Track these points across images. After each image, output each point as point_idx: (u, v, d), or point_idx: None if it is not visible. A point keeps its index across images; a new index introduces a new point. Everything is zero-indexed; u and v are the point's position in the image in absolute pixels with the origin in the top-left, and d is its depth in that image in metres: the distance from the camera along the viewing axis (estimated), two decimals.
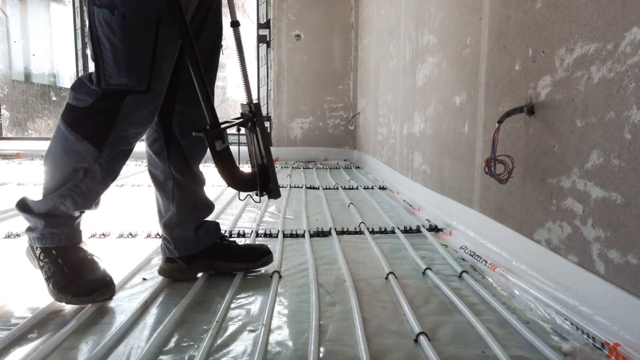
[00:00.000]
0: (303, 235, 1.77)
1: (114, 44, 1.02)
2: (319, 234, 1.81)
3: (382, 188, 2.90)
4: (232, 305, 1.14)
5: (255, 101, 1.19)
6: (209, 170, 2.77)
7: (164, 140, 1.25)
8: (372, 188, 2.90)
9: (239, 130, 1.21)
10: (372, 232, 1.82)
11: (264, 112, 4.69)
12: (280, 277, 1.33)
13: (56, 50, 6.23)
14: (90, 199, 1.16)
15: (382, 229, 1.84)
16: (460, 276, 1.33)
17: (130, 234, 1.75)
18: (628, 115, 0.85)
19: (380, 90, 3.28)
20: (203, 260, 1.33)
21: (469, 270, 1.37)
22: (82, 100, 1.08)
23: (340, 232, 1.82)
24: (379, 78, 3.34)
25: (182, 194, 1.27)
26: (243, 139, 1.25)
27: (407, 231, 1.83)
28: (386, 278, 1.32)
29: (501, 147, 1.21)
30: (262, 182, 1.22)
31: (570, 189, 1.02)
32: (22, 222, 1.91)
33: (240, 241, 1.70)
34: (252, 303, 1.16)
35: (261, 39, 4.62)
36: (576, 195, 1.00)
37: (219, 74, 5.48)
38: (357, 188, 2.89)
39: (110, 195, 1.79)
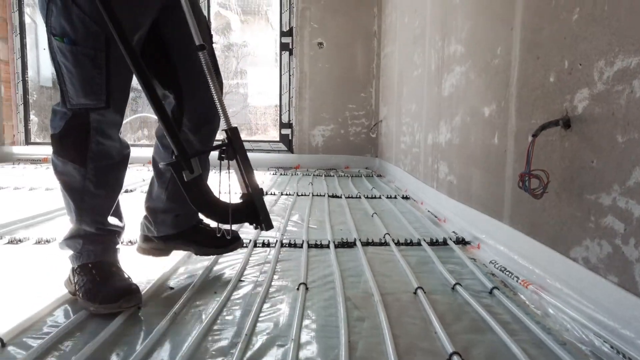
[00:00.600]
0: (328, 246, 1.76)
1: (69, 69, 1.11)
2: (344, 244, 1.79)
3: (406, 197, 2.87)
4: (260, 318, 1.13)
5: (232, 126, 1.15)
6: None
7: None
8: (395, 197, 2.87)
9: (220, 157, 1.17)
10: (398, 243, 1.80)
11: (285, 120, 4.71)
12: (307, 289, 1.32)
13: None
14: (100, 214, 1.24)
15: (408, 241, 1.82)
16: (491, 292, 1.30)
17: None
18: None
19: (404, 98, 3.26)
20: (179, 240, 1.44)
21: (500, 287, 1.34)
22: (58, 126, 1.17)
23: (365, 243, 1.80)
24: (403, 86, 3.32)
25: (177, 189, 1.26)
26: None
27: (433, 243, 1.80)
28: (414, 293, 1.29)
29: (535, 161, 1.18)
30: (249, 213, 1.20)
31: (611, 206, 0.99)
32: (51, 227, 1.94)
33: (265, 251, 1.70)
34: (280, 316, 1.15)
35: (283, 47, 4.65)
36: (617, 213, 0.97)
37: (240, 81, 5.48)
38: (379, 197, 2.87)
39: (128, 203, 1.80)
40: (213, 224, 1.23)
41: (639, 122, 0.91)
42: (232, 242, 1.48)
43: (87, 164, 1.17)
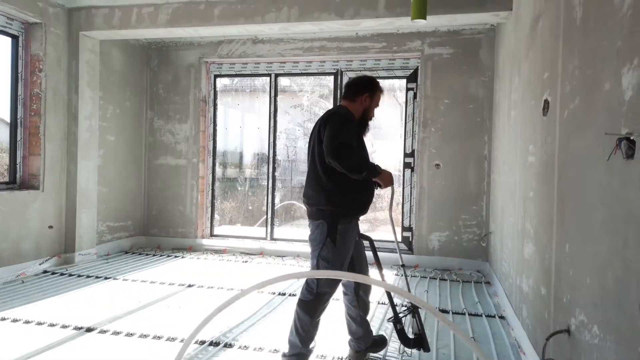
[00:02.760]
0: None
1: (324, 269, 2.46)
2: None
3: (502, 317, 3.61)
4: None
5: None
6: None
7: (356, 301, 2.65)
8: (494, 317, 3.63)
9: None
10: None
11: (406, 224, 5.68)
12: None
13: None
14: (309, 343, 2.52)
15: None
16: None
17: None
18: None
19: (505, 233, 4.04)
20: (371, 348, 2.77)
21: None
22: (307, 297, 2.50)
23: None
24: (504, 216, 4.10)
25: (363, 320, 2.70)
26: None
27: None
28: None
29: (547, 352, 2.00)
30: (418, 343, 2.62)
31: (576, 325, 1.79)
32: (258, 334, 3.07)
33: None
34: None
35: (406, 165, 5.70)
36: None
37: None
38: (481, 315, 3.65)
39: None
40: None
41: (596, 354, 1.71)
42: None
43: (314, 318, 2.49)
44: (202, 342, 2.97)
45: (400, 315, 2.70)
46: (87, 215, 5.19)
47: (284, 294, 4.14)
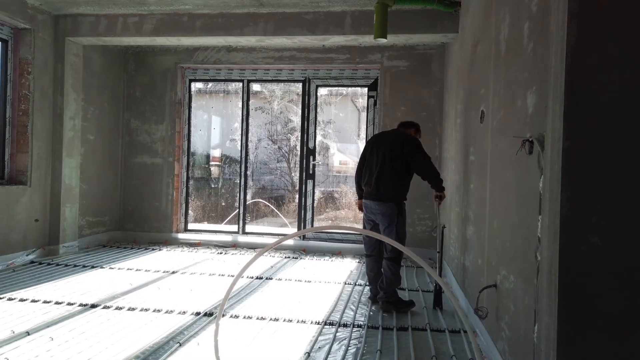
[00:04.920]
0: (392, 329, 3.26)
1: (404, 237, 3.78)
2: (402, 328, 3.28)
3: None
4: None
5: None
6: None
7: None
8: (443, 292, 4.28)
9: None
10: (432, 330, 3.25)
11: None
12: (381, 352, 2.83)
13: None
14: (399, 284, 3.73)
15: (439, 328, 3.26)
16: None
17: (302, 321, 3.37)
18: None
19: (452, 222, 4.73)
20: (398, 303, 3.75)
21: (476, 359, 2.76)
22: (395, 255, 3.73)
23: (415, 329, 3.28)
24: (451, 213, 4.79)
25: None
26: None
27: (452, 331, 3.23)
28: (431, 358, 2.75)
29: (481, 302, 2.64)
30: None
31: (504, 326, 2.43)
32: (245, 307, 3.57)
33: (358, 330, 3.24)
34: None
35: None
36: (506, 335, 2.41)
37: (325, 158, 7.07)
38: (431, 291, 4.30)
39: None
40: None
41: (512, 294, 2.36)
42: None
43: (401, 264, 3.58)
44: (197, 313, 3.45)
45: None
46: (70, 209, 5.50)
47: (261, 278, 4.65)
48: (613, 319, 1.62)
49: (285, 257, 5.79)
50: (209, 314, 3.46)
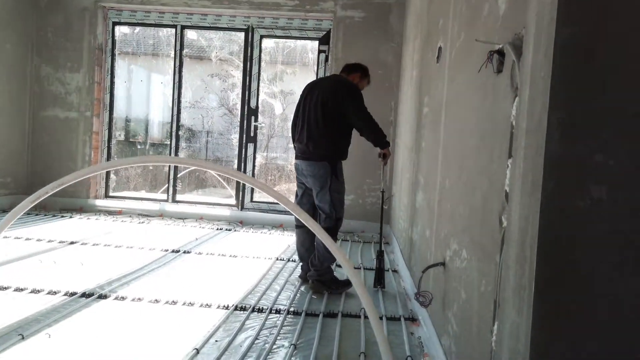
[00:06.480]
0: (318, 315, 2.62)
1: (337, 202, 3.11)
2: (330, 314, 2.65)
3: (395, 271, 3.69)
4: None
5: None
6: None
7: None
8: (388, 270, 3.69)
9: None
10: (366, 317, 2.63)
11: None
12: (295, 348, 2.18)
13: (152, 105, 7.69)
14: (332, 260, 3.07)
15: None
16: (406, 359, 2.11)
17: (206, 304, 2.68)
18: None
19: (402, 191, 4.11)
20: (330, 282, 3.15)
21: (415, 356, 2.15)
22: (330, 224, 3.07)
23: (346, 315, 2.65)
24: (402, 181, 4.18)
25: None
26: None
27: (390, 319, 2.62)
28: (359, 356, 2.13)
29: (424, 286, 2.02)
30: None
31: (451, 317, 1.81)
32: (140, 287, 2.86)
33: (275, 317, 2.58)
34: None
35: None
36: (452, 324, 1.79)
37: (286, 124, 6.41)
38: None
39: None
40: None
41: (464, 276, 1.74)
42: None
43: (335, 240, 2.71)
44: (72, 294, 2.70)
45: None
46: None
47: (177, 251, 3.92)
48: (623, 320, 0.99)
49: (217, 229, 5.07)
50: (88, 295, 2.71)
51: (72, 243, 3.98)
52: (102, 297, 2.70)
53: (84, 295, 2.70)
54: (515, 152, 1.19)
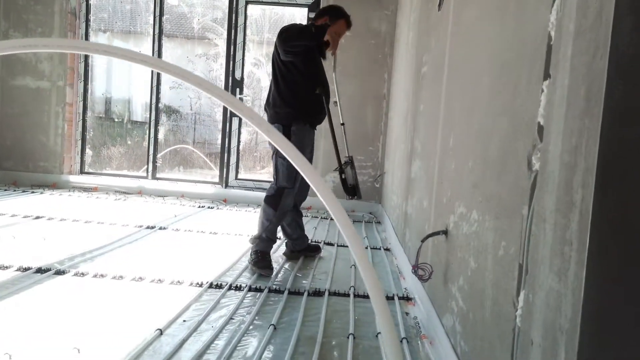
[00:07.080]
0: (303, 294, 2.34)
1: (282, 169, 2.64)
2: (316, 293, 2.37)
3: (387, 249, 3.42)
4: (238, 347, 1.73)
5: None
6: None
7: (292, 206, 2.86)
8: (380, 249, 3.43)
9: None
10: (356, 295, 2.36)
11: None
12: (275, 328, 1.91)
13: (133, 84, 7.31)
14: (273, 232, 2.72)
15: (365, 294, 2.38)
16: (401, 341, 1.85)
17: (178, 282, 2.40)
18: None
19: (396, 164, 3.83)
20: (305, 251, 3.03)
21: (411, 338, 1.89)
22: (271, 193, 2.72)
23: (333, 294, 2.38)
24: (396, 152, 3.89)
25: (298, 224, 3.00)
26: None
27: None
28: (347, 337, 1.86)
29: (423, 257, 1.74)
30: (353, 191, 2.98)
31: (455, 292, 1.54)
32: (105, 263, 2.56)
33: (255, 295, 2.30)
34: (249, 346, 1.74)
35: None
36: (457, 299, 1.52)
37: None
38: (366, 247, 3.43)
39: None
40: None
41: (474, 242, 1.47)
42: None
43: (277, 210, 2.68)
44: (26, 269, 2.39)
45: (343, 166, 3.07)
46: None
47: (152, 227, 3.61)
48: None
49: (199, 207, 4.76)
50: (44, 270, 2.41)
51: (37, 218, 3.65)
52: (60, 272, 2.40)
53: (39, 270, 2.40)
54: (555, 68, 0.90)
